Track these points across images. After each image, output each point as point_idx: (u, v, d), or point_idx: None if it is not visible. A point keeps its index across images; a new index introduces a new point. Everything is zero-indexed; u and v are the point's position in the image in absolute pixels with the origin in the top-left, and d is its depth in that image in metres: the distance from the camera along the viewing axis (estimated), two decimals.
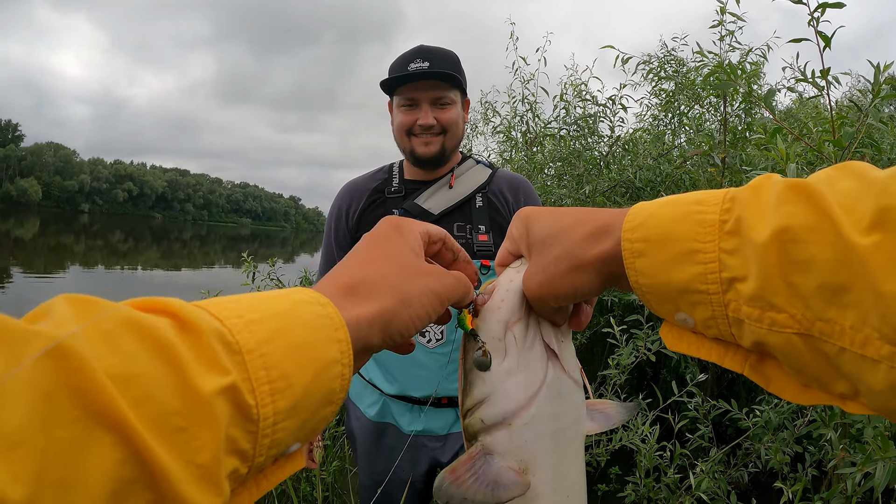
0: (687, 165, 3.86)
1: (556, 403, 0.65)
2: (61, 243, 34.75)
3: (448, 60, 1.85)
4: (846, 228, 0.39)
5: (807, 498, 2.27)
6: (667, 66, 4.36)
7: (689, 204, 0.50)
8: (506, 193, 1.94)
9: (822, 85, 2.10)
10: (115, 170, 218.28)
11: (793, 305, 0.42)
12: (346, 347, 0.47)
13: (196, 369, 0.36)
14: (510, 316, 0.64)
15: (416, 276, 0.57)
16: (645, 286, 0.52)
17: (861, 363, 0.39)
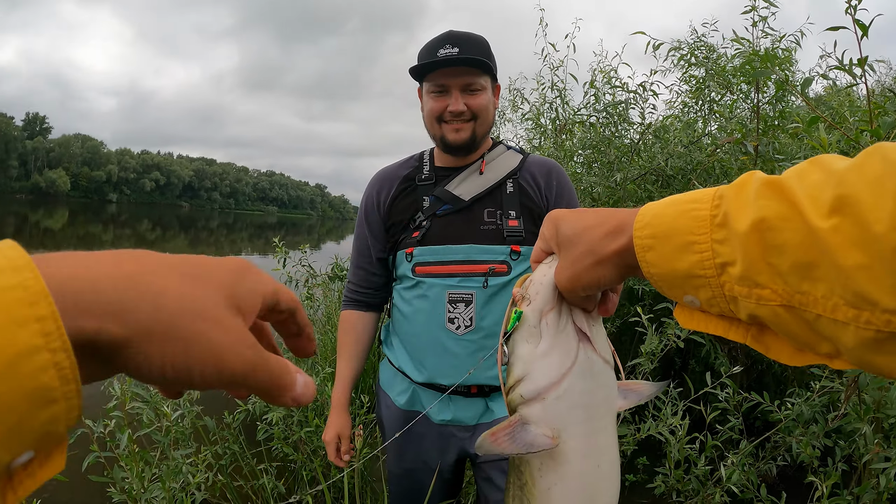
0: (718, 153, 3.82)
1: (588, 380, 0.73)
2: (90, 233, 35.15)
3: (478, 46, 1.83)
4: (811, 215, 0.46)
5: (834, 493, 2.25)
6: (697, 53, 4.30)
7: (686, 203, 0.58)
8: (537, 178, 1.92)
9: (858, 74, 2.06)
10: (143, 160, 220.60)
11: (774, 282, 0.50)
12: (54, 326, 0.33)
13: None
14: (544, 305, 0.73)
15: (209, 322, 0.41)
16: (655, 275, 0.60)
17: (834, 326, 0.46)
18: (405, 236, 1.90)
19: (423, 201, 1.91)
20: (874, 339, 0.44)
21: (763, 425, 3.64)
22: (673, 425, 2.72)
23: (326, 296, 5.07)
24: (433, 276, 1.84)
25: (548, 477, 0.75)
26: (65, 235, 31.07)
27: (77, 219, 51.51)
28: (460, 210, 1.87)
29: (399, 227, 1.93)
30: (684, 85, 4.52)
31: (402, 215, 1.92)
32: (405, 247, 1.89)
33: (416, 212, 1.91)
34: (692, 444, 2.74)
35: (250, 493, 3.01)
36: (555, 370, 0.73)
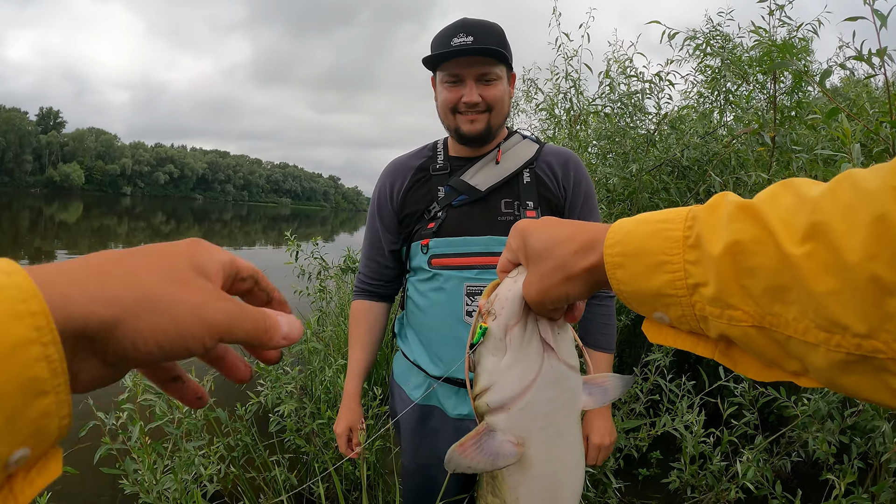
0: (735, 144, 3.78)
1: (551, 389, 0.77)
2: (104, 225, 35.35)
3: (493, 34, 1.78)
4: (784, 241, 0.47)
5: (849, 490, 2.22)
6: (712, 42, 4.26)
7: (658, 222, 0.59)
8: (554, 168, 1.88)
9: (877, 64, 2.02)
10: (156, 153, 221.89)
11: (745, 304, 0.51)
12: (45, 322, 0.36)
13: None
14: (509, 320, 0.75)
15: (178, 285, 0.46)
16: (625, 292, 0.61)
17: (805, 347, 0.48)
18: (420, 227, 1.87)
19: (438, 191, 1.88)
20: (844, 360, 0.45)
21: (778, 420, 3.61)
22: (688, 421, 2.70)
23: (339, 287, 5.07)
24: (450, 268, 1.81)
25: (515, 476, 0.81)
26: (80, 228, 31.26)
27: (92, 212, 51.80)
28: (476, 201, 1.84)
29: (413, 217, 1.90)
30: (700, 75, 4.48)
31: (416, 206, 1.90)
32: (420, 238, 1.86)
33: (430, 202, 1.88)
34: (707, 439, 2.71)
35: (262, 485, 3.02)
36: (518, 383, 0.76)
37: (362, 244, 2.13)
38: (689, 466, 2.70)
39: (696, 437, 2.65)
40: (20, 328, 0.35)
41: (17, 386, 0.35)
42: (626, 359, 4.11)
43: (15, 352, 0.35)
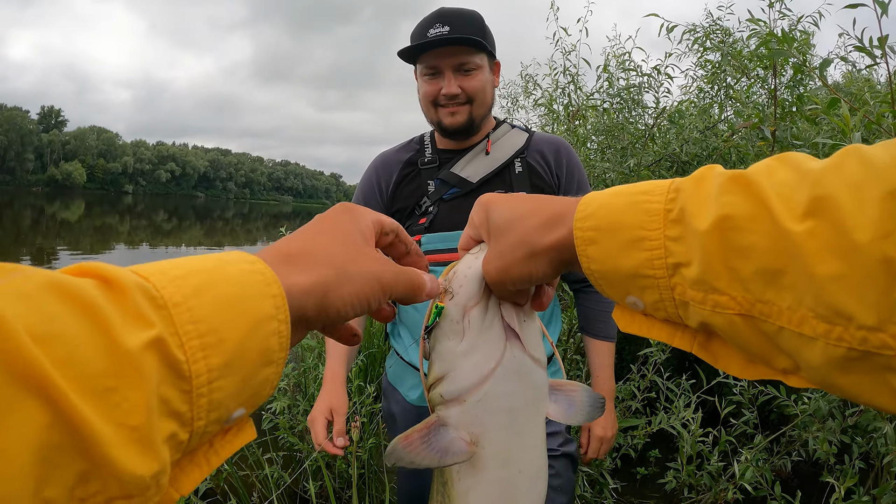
0: (735, 139, 3.75)
1: (513, 382, 0.69)
2: (106, 224, 35.53)
3: (470, 23, 1.74)
4: (782, 217, 0.42)
5: (850, 490, 2.18)
6: (712, 36, 4.23)
7: (636, 194, 0.53)
8: (546, 156, 1.85)
9: (877, 54, 1.98)
10: (158, 151, 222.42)
11: (733, 288, 0.45)
12: (282, 303, 0.46)
13: (121, 326, 0.35)
14: (467, 300, 0.68)
15: (361, 257, 0.56)
16: (597, 272, 0.56)
17: (799, 340, 0.42)
18: (411, 223, 1.83)
19: (428, 185, 1.84)
20: (844, 357, 0.40)
21: (778, 419, 3.58)
22: (685, 419, 2.66)
23: None
24: (444, 264, 1.73)
25: (465, 481, 0.72)
26: (81, 227, 31.38)
27: (93, 210, 52.02)
28: (468, 193, 1.80)
29: (403, 214, 1.85)
30: (700, 70, 4.45)
31: (406, 201, 1.86)
32: (411, 235, 1.78)
33: (421, 197, 1.84)
34: (705, 438, 2.68)
35: (256, 482, 3.00)
36: (476, 371, 0.68)
37: None
38: (687, 466, 2.67)
39: (693, 437, 2.61)
40: (266, 306, 0.44)
41: (257, 353, 0.43)
42: (626, 356, 4.08)
43: (261, 324, 0.43)
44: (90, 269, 0.38)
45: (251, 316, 0.43)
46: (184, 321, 0.38)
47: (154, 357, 0.36)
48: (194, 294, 0.40)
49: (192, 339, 0.38)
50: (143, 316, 0.36)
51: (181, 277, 0.41)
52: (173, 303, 0.39)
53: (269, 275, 0.46)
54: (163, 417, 0.37)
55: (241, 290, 0.43)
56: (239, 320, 0.42)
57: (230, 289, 0.42)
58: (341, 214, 0.61)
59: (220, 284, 0.42)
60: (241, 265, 0.45)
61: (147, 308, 0.37)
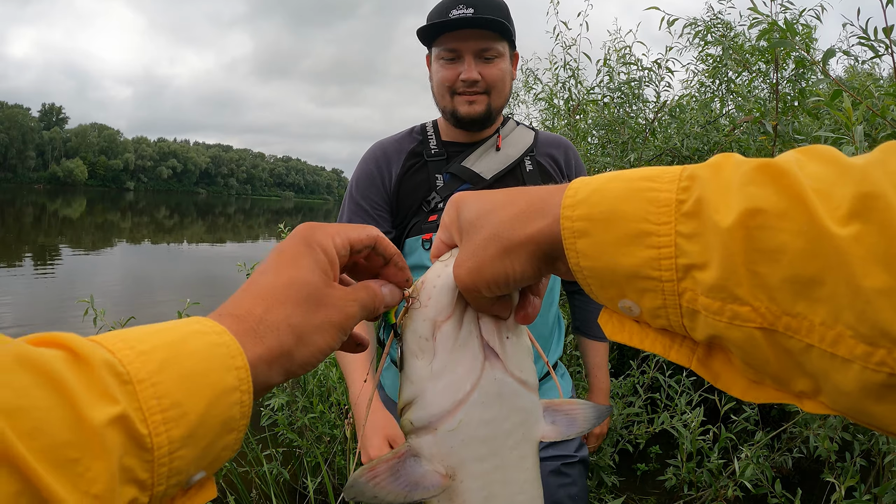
0: (736, 133, 3.73)
1: (492, 408, 0.61)
2: (108, 221, 35.53)
3: (496, 7, 1.64)
4: (821, 216, 0.35)
5: (851, 488, 2.17)
6: (713, 30, 4.21)
7: (639, 180, 0.46)
8: (556, 156, 1.79)
9: (883, 44, 1.96)
10: (159, 148, 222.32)
11: (756, 298, 0.38)
12: (245, 375, 0.47)
13: (87, 400, 0.36)
14: (437, 314, 0.60)
15: (318, 310, 0.55)
16: (587, 269, 0.48)
17: (830, 362, 0.36)
18: (418, 220, 1.72)
19: (437, 179, 1.74)
20: (883, 383, 0.35)
21: (779, 415, 3.57)
22: (686, 419, 2.65)
23: None
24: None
25: None
26: (83, 224, 31.39)
27: (95, 207, 52.03)
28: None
29: (410, 209, 1.74)
30: (701, 64, 4.43)
31: (413, 196, 1.74)
32: (420, 233, 1.71)
33: (429, 192, 1.73)
34: (706, 435, 2.67)
35: (255, 479, 2.99)
36: (448, 396, 0.60)
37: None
38: (687, 463, 2.66)
39: (693, 434, 2.60)
40: (229, 378, 0.45)
41: (220, 423, 0.44)
42: (627, 351, 4.06)
43: (223, 396, 0.45)
44: (58, 340, 0.40)
45: (214, 389, 0.44)
46: (147, 396, 0.40)
47: (118, 431, 0.37)
48: (158, 370, 0.41)
49: (154, 414, 0.40)
50: (108, 392, 0.38)
51: (147, 352, 0.42)
52: (138, 379, 0.40)
53: (234, 347, 0.47)
54: (124, 484, 0.38)
55: (206, 364, 0.44)
56: (201, 393, 0.43)
57: (195, 363, 0.44)
58: (300, 248, 0.57)
59: (185, 358, 0.43)
60: (208, 337, 0.46)
61: (112, 384, 0.38)
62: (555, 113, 4.79)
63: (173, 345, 0.44)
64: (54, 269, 13.90)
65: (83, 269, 14.09)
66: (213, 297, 9.80)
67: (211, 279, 13.14)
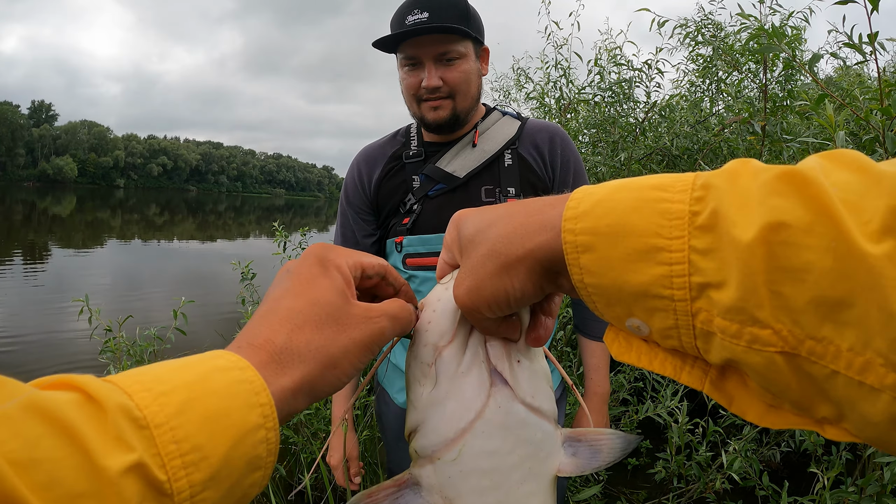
0: (725, 133, 3.77)
1: (498, 438, 0.56)
2: (98, 218, 35.27)
3: (452, 7, 1.59)
4: (851, 231, 0.32)
5: (838, 481, 2.21)
6: (704, 31, 4.25)
7: (648, 189, 0.42)
8: (540, 147, 1.72)
9: (867, 51, 2.00)
10: (149, 145, 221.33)
11: (778, 320, 0.35)
12: (270, 411, 0.45)
13: (101, 448, 0.35)
14: (438, 339, 0.58)
15: (342, 330, 0.52)
16: (591, 286, 0.44)
17: (857, 390, 0.33)
18: (395, 223, 1.73)
19: (413, 181, 1.72)
20: None
21: None
22: (671, 408, 2.68)
23: None
24: (426, 268, 1.67)
25: None
26: (73, 222, 31.18)
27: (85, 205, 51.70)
28: (455, 189, 1.69)
29: (388, 211, 1.75)
30: (691, 64, 4.47)
31: (391, 198, 1.74)
32: (394, 235, 1.72)
33: (405, 193, 1.72)
34: (694, 429, 2.71)
35: None
36: (451, 425, 0.56)
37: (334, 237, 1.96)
38: (676, 457, 2.70)
39: (681, 427, 2.64)
40: (253, 416, 0.44)
41: (245, 462, 0.43)
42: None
43: (248, 435, 0.43)
44: (73, 382, 0.38)
45: (237, 429, 0.42)
46: (166, 441, 0.38)
47: (135, 479, 0.36)
48: (178, 413, 0.40)
49: (173, 459, 0.38)
50: (123, 439, 0.36)
51: (165, 394, 0.40)
52: (155, 423, 0.38)
53: (258, 383, 0.45)
54: None
55: (228, 402, 0.43)
56: (224, 434, 0.41)
57: (216, 402, 0.42)
58: (314, 270, 0.55)
59: (206, 399, 0.42)
60: (230, 373, 0.44)
61: (128, 430, 0.37)
62: (546, 112, 4.82)
63: (194, 384, 0.42)
64: (45, 267, 13.83)
65: (73, 267, 14.01)
66: (205, 294, 9.78)
67: (202, 277, 13.11)
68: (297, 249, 4.16)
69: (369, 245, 1.81)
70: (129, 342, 3.03)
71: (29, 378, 0.40)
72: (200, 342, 5.72)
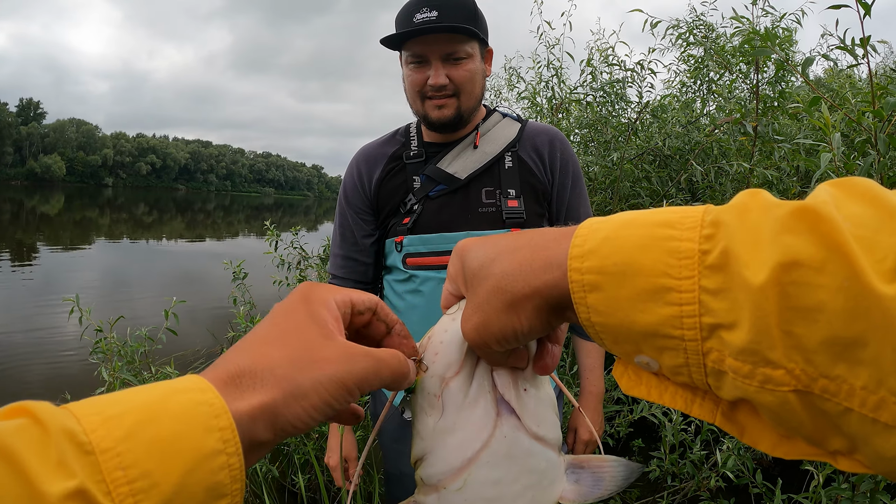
0: (717, 133, 3.79)
1: (503, 468, 0.57)
2: (86, 217, 35.05)
3: (460, 7, 1.60)
4: (864, 270, 0.31)
5: (831, 478, 2.23)
6: (695, 32, 4.26)
7: (656, 226, 0.41)
8: (540, 150, 1.73)
9: (859, 53, 2.01)
10: (138, 143, 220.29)
11: (791, 359, 0.34)
12: (231, 435, 0.42)
13: (42, 474, 0.34)
14: (445, 370, 0.57)
15: (315, 362, 0.49)
16: (599, 325, 0.43)
17: (871, 427, 0.33)
18: (395, 223, 1.73)
19: (414, 181, 1.72)
20: None
21: None
22: (666, 408, 2.69)
23: (322, 277, 5.05)
24: (427, 268, 1.67)
25: None
26: (61, 221, 30.98)
27: (73, 204, 51.38)
28: (456, 191, 1.69)
29: (389, 212, 1.75)
30: (683, 64, 4.49)
31: (391, 198, 1.74)
32: (394, 235, 1.72)
33: (406, 194, 1.73)
34: (688, 427, 2.72)
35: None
36: (458, 455, 0.56)
37: (331, 246, 1.94)
38: (670, 455, 2.71)
39: (675, 426, 2.65)
40: (211, 440, 0.41)
41: (204, 489, 0.40)
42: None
43: (206, 460, 0.40)
44: (26, 408, 0.38)
45: (193, 453, 0.40)
46: (111, 468, 0.37)
47: None
48: (126, 437, 0.38)
49: (120, 486, 0.36)
50: (65, 464, 0.35)
51: (115, 417, 0.39)
52: (101, 448, 0.37)
53: (219, 405, 0.42)
54: None
55: (183, 426, 0.40)
56: (177, 460, 0.39)
57: (171, 425, 0.40)
58: (296, 305, 0.54)
59: (159, 422, 0.39)
60: (189, 395, 0.42)
61: (71, 455, 0.36)
62: (538, 111, 4.82)
63: (149, 406, 0.40)
64: (32, 267, 13.75)
65: (62, 267, 13.93)
66: (194, 294, 9.75)
67: (190, 276, 13.06)
68: (289, 248, 4.16)
69: (368, 245, 1.82)
70: (119, 342, 3.01)
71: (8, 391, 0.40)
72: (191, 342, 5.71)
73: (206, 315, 7.73)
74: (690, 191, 4.05)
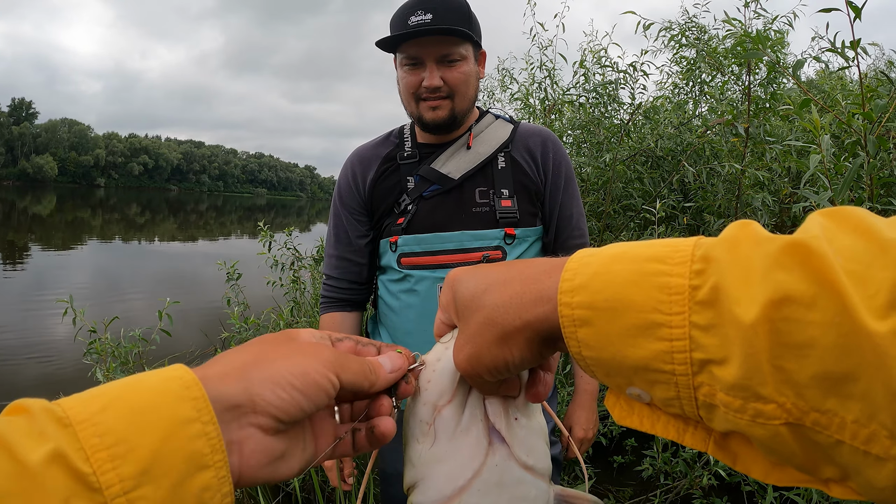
0: (709, 135, 3.80)
1: (493, 496, 0.57)
2: (78, 218, 34.94)
3: (455, 10, 1.62)
4: (855, 306, 0.31)
5: None
6: (688, 34, 4.28)
7: (645, 261, 0.41)
8: (533, 150, 1.75)
9: (850, 56, 2.03)
10: (130, 143, 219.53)
11: (781, 394, 0.35)
12: (204, 405, 0.43)
13: (22, 445, 0.36)
14: (438, 398, 0.58)
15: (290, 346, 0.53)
16: (590, 358, 0.44)
17: (862, 458, 0.33)
18: (389, 222, 1.74)
19: (408, 182, 1.74)
20: None
21: None
22: None
23: (315, 278, 5.05)
24: (421, 267, 1.69)
25: None
26: (53, 221, 30.88)
27: (65, 204, 51.21)
28: (450, 191, 1.71)
29: (383, 212, 1.77)
30: (675, 66, 4.51)
31: (385, 199, 1.76)
32: (389, 235, 1.73)
33: (400, 194, 1.74)
34: None
35: None
36: (449, 483, 0.57)
37: (325, 247, 1.96)
38: (662, 454, 2.73)
39: None
40: (184, 408, 0.42)
41: (182, 458, 0.40)
42: None
43: (181, 427, 0.41)
44: (20, 406, 0.39)
45: (167, 421, 0.41)
46: (89, 435, 0.38)
47: (59, 471, 0.36)
48: (101, 410, 0.39)
49: (98, 452, 0.37)
50: (43, 433, 0.37)
51: (94, 397, 0.40)
52: (77, 420, 0.38)
53: (189, 378, 0.44)
54: None
55: (156, 397, 0.42)
56: (153, 427, 0.40)
57: (143, 397, 0.41)
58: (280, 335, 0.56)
59: (134, 395, 0.41)
60: (162, 373, 0.44)
61: (49, 425, 0.37)
62: (530, 112, 4.83)
63: (125, 386, 0.42)
64: (24, 267, 13.70)
65: (54, 267, 13.88)
66: (187, 294, 9.73)
67: (183, 277, 13.02)
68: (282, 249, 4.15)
69: (363, 245, 1.82)
70: (113, 343, 3.01)
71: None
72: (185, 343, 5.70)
73: (199, 316, 7.71)
74: (682, 192, 4.06)
